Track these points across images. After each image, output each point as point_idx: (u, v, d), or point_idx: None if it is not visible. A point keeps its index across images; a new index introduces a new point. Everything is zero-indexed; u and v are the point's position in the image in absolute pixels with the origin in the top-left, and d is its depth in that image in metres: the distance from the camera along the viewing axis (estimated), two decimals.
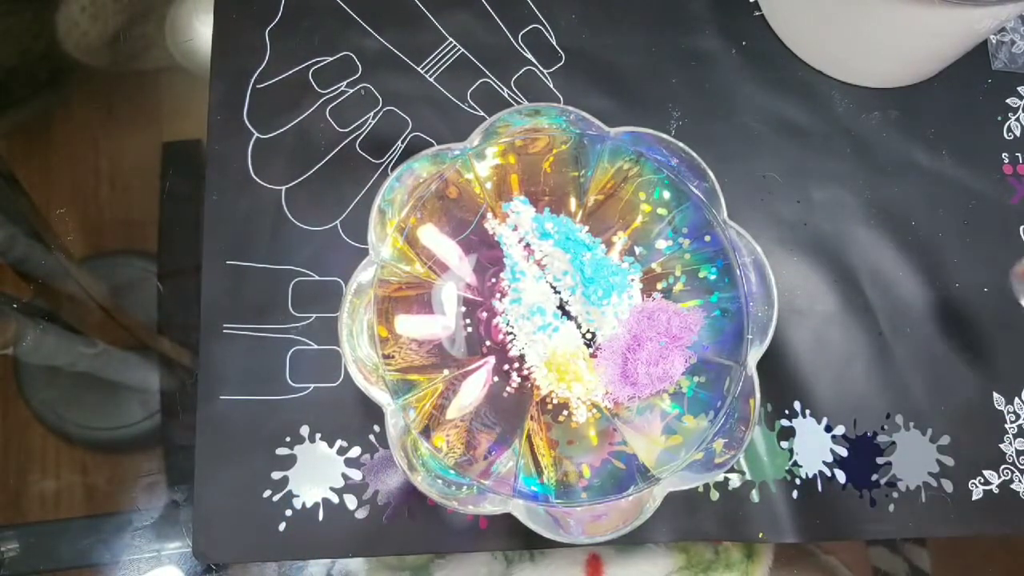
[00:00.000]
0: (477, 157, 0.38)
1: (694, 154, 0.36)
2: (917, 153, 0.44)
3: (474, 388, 0.37)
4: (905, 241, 0.43)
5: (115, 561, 0.39)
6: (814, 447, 0.40)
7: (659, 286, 0.38)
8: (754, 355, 0.35)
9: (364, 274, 0.36)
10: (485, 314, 0.38)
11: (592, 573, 0.40)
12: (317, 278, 0.41)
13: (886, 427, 0.40)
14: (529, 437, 0.36)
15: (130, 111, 0.47)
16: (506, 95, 0.44)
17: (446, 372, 0.37)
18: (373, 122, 0.43)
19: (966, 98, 0.45)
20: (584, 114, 0.37)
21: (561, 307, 0.38)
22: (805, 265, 0.42)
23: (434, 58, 0.44)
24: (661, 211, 0.38)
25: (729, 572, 0.41)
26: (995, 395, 0.41)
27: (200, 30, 0.47)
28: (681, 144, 0.37)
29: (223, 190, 0.41)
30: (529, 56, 0.44)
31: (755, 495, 0.39)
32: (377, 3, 0.45)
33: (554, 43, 0.45)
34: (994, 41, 0.46)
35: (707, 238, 0.38)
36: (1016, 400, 0.41)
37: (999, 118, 0.45)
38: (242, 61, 0.43)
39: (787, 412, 0.40)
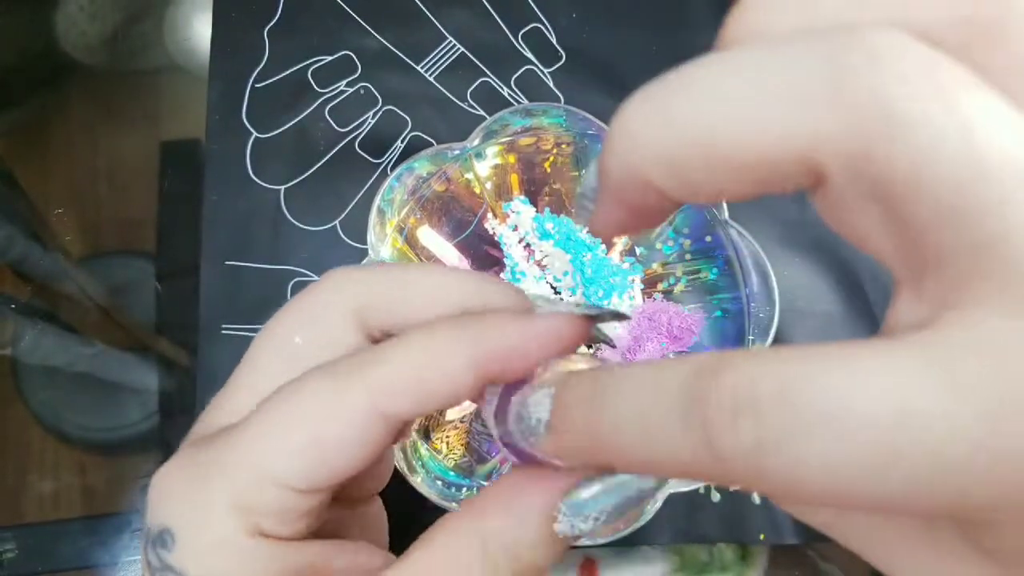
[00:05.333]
0: (477, 157, 0.38)
1: None
2: None
3: None
4: None
5: (113, 562, 0.39)
6: None
7: (660, 287, 0.38)
8: None
9: None
10: None
11: None
12: (316, 278, 0.40)
13: None
14: None
15: (128, 111, 0.47)
16: (506, 94, 0.44)
17: None
18: (372, 122, 0.43)
19: None
20: (584, 113, 0.37)
21: None
22: (807, 265, 0.42)
23: (434, 57, 0.44)
24: None
25: (724, 574, 0.40)
26: None
27: (199, 29, 0.47)
28: None
29: (222, 190, 0.41)
30: (529, 55, 0.44)
31: (756, 496, 0.39)
32: (376, 2, 0.45)
33: (554, 42, 0.45)
34: None
35: (708, 238, 0.37)
36: None
37: None
38: (241, 60, 0.43)
39: None
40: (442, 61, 0.44)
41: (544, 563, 0.16)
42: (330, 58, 0.44)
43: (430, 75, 0.44)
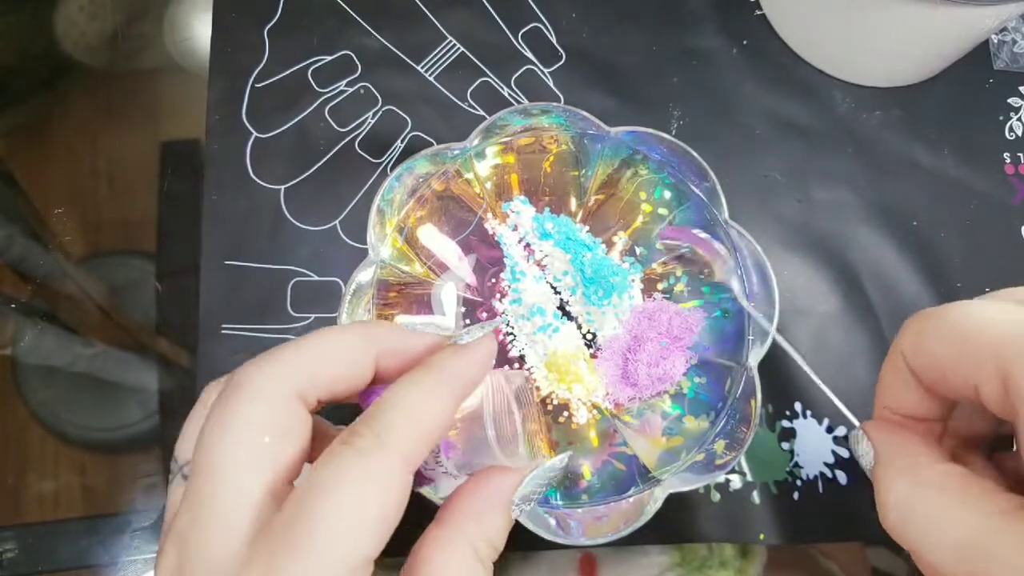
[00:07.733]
0: (477, 157, 0.38)
1: (695, 153, 0.36)
2: (919, 153, 0.44)
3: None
4: (907, 241, 0.43)
5: (113, 562, 0.39)
6: (815, 448, 0.40)
7: (660, 286, 0.38)
8: (755, 356, 0.35)
9: (363, 274, 0.35)
10: (485, 314, 0.38)
11: (586, 572, 0.40)
12: (316, 278, 0.40)
13: None
14: (529, 438, 0.36)
15: (128, 110, 0.46)
16: (506, 94, 0.44)
17: None
18: (372, 121, 0.43)
19: (968, 98, 0.45)
20: (584, 113, 0.37)
21: (561, 307, 0.38)
22: (806, 265, 0.42)
23: (434, 57, 0.44)
24: (662, 211, 0.38)
25: (723, 570, 0.40)
26: None
27: (199, 29, 0.47)
28: (682, 143, 0.36)
29: (222, 190, 0.41)
30: (529, 55, 0.44)
31: (756, 496, 0.39)
32: (377, 2, 0.45)
33: (554, 42, 0.45)
34: (995, 41, 0.46)
35: None
36: None
37: (1000, 118, 0.45)
38: (241, 60, 0.43)
39: (788, 413, 0.40)
40: (442, 61, 0.44)
41: (504, 542, 0.22)
42: (330, 58, 0.44)
43: (430, 75, 0.44)
